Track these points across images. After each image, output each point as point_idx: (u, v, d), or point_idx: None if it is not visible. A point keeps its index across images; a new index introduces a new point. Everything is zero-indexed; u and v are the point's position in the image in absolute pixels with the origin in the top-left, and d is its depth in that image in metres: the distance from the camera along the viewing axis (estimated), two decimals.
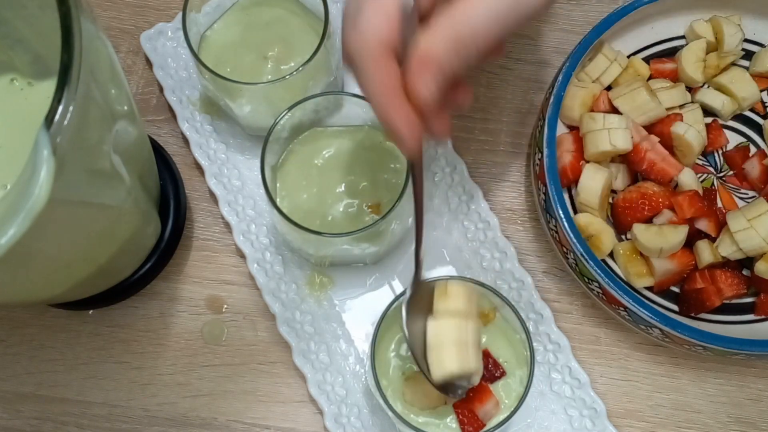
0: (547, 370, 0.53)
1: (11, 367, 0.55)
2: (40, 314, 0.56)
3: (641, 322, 0.50)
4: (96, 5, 0.62)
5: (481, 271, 0.55)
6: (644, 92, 0.53)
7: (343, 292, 0.55)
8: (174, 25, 0.60)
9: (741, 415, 0.54)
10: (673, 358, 0.55)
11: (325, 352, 0.54)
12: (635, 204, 0.53)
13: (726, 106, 0.56)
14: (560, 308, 0.56)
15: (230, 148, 0.58)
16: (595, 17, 0.60)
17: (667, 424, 0.54)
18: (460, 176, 0.57)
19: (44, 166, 0.31)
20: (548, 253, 0.57)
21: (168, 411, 0.54)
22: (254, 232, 0.56)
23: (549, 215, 0.51)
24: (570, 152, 0.54)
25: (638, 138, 0.53)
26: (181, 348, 0.55)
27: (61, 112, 0.32)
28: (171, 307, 0.56)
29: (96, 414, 0.54)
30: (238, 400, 0.54)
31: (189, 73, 0.59)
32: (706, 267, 0.53)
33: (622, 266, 0.54)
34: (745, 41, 0.57)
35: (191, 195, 0.58)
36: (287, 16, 0.55)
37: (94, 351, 0.55)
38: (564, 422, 0.53)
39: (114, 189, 0.42)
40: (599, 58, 0.55)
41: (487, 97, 0.61)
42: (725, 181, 0.57)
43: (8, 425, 0.54)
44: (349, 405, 0.53)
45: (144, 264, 0.54)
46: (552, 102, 0.52)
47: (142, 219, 0.49)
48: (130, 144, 0.44)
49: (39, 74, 0.45)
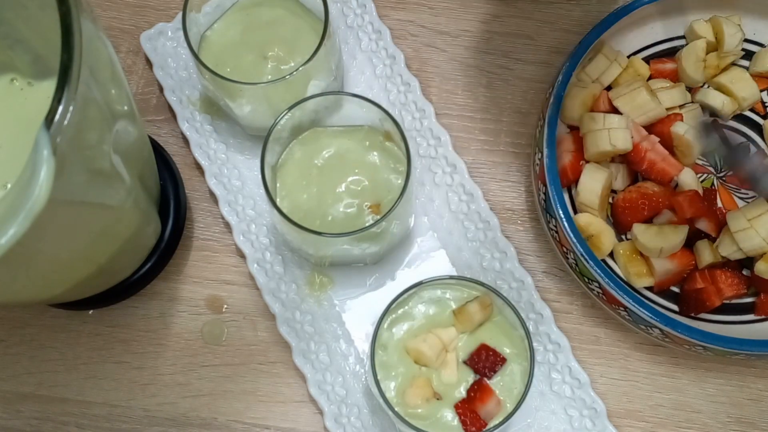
0: (547, 370, 0.53)
1: (11, 367, 0.55)
2: (40, 314, 0.56)
3: (641, 322, 0.50)
4: (96, 5, 0.62)
5: (481, 271, 0.55)
6: (644, 92, 0.53)
7: (343, 292, 0.55)
8: (174, 25, 0.60)
9: (741, 415, 0.54)
10: (673, 358, 0.55)
11: (325, 352, 0.54)
12: (635, 204, 0.53)
13: (726, 106, 0.56)
14: (560, 308, 0.56)
15: (230, 148, 0.58)
16: (595, 17, 0.60)
17: (667, 424, 0.54)
18: (460, 176, 0.57)
19: (44, 166, 0.31)
20: (548, 253, 0.57)
21: (168, 411, 0.54)
22: (254, 232, 0.56)
23: (549, 215, 0.51)
24: (570, 152, 0.54)
25: (638, 138, 0.53)
26: (181, 348, 0.55)
27: (61, 112, 0.32)
28: (171, 307, 0.56)
29: (96, 414, 0.54)
30: (238, 400, 0.54)
31: (189, 73, 0.59)
32: (706, 267, 0.53)
33: (622, 266, 0.54)
34: (745, 41, 0.57)
35: (191, 195, 0.58)
36: (287, 16, 0.55)
37: (94, 351, 0.55)
38: (564, 422, 0.53)
39: (114, 189, 0.42)
40: (599, 58, 0.55)
41: (487, 97, 0.61)
42: (725, 181, 0.57)
43: (8, 425, 0.54)
44: (349, 405, 0.53)
45: (144, 264, 0.54)
46: (552, 102, 0.52)
47: (142, 219, 0.49)
48: (130, 144, 0.44)
49: (39, 74, 0.45)
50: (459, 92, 0.61)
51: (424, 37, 0.62)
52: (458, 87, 0.61)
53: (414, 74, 0.59)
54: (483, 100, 0.61)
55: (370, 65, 0.60)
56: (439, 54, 0.62)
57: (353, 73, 0.60)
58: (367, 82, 0.60)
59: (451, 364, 0.48)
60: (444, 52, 0.62)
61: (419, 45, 0.62)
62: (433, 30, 0.62)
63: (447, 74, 0.61)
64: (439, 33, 0.62)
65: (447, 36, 0.62)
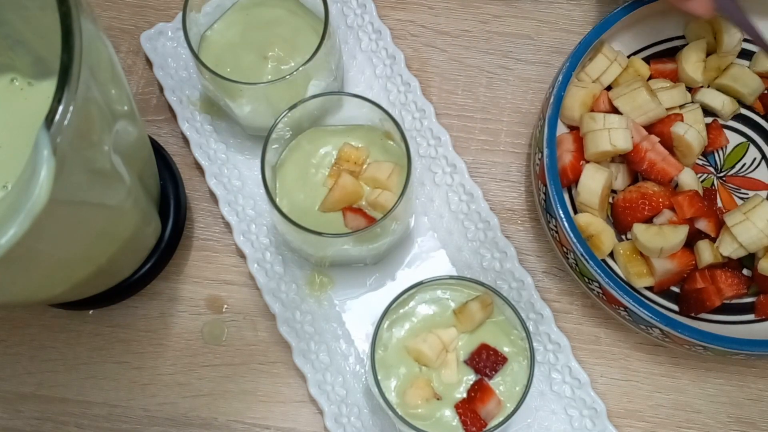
0: (547, 370, 0.53)
1: (11, 367, 0.55)
2: (40, 314, 0.56)
3: (641, 322, 0.50)
4: (96, 5, 0.62)
5: (481, 271, 0.55)
6: (644, 92, 0.53)
7: (343, 292, 0.55)
8: (174, 25, 0.60)
9: (741, 415, 0.54)
10: (673, 358, 0.55)
11: (325, 352, 0.54)
12: (635, 204, 0.53)
13: (726, 106, 0.56)
14: (560, 308, 0.56)
15: (230, 148, 0.58)
16: (595, 17, 0.60)
17: (667, 424, 0.54)
18: (460, 176, 0.57)
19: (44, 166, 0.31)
20: (548, 253, 0.57)
21: (168, 411, 0.54)
22: (254, 232, 0.56)
23: (549, 215, 0.51)
24: (570, 152, 0.54)
25: (638, 138, 0.53)
26: (181, 348, 0.55)
27: (61, 112, 0.32)
28: (171, 307, 0.56)
29: (96, 414, 0.54)
30: (238, 400, 0.54)
31: (189, 73, 0.59)
32: (706, 267, 0.53)
33: (622, 266, 0.54)
34: (745, 41, 0.57)
35: (191, 195, 0.58)
36: (287, 16, 0.55)
37: (94, 351, 0.55)
38: (564, 422, 0.53)
39: (114, 189, 0.42)
40: (599, 58, 0.55)
41: (487, 97, 0.61)
42: (725, 181, 0.57)
43: (8, 425, 0.54)
44: (349, 405, 0.53)
45: (144, 264, 0.54)
46: (552, 102, 0.52)
47: (142, 219, 0.49)
48: (130, 144, 0.44)
49: (39, 74, 0.45)
50: (459, 92, 0.61)
51: (424, 37, 0.62)
52: (458, 87, 0.61)
53: (414, 74, 0.59)
54: (483, 100, 0.61)
55: (370, 65, 0.60)
56: (439, 54, 0.62)
57: (353, 73, 0.60)
58: (367, 82, 0.60)
59: (451, 364, 0.47)
60: (444, 52, 0.62)
61: (419, 45, 0.62)
62: (433, 30, 0.62)
63: (447, 74, 0.61)
64: (439, 33, 0.62)
65: (447, 36, 0.62)
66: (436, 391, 0.47)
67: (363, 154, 0.51)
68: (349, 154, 0.50)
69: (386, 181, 0.49)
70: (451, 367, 0.47)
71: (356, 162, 0.50)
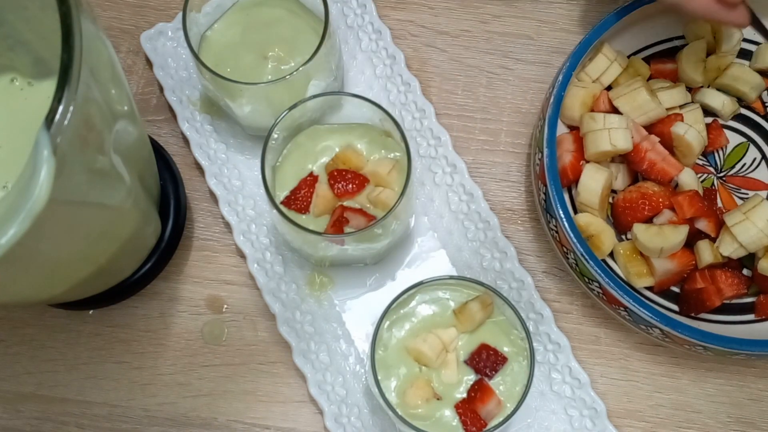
0: (547, 370, 0.53)
1: (11, 367, 0.55)
2: (40, 314, 0.56)
3: (641, 322, 0.50)
4: (96, 5, 0.62)
5: (481, 271, 0.55)
6: (644, 92, 0.53)
7: (343, 292, 0.55)
8: (174, 25, 0.60)
9: (741, 415, 0.54)
10: (673, 358, 0.55)
11: (325, 352, 0.54)
12: (635, 204, 0.53)
13: (726, 106, 0.56)
14: (560, 308, 0.56)
15: (230, 148, 0.58)
16: (595, 17, 0.60)
17: (667, 424, 0.54)
18: (460, 176, 0.57)
19: (44, 166, 0.31)
20: (548, 253, 0.57)
21: (168, 411, 0.54)
22: (254, 232, 0.56)
23: (549, 215, 0.51)
24: (570, 152, 0.54)
25: (638, 138, 0.53)
26: (181, 348, 0.55)
27: (61, 112, 0.32)
28: (171, 307, 0.56)
29: (96, 414, 0.54)
30: (238, 400, 0.54)
31: (189, 73, 0.59)
32: (706, 267, 0.53)
33: (622, 266, 0.54)
34: (744, 41, 0.57)
35: (191, 195, 0.58)
36: (287, 16, 0.55)
37: (94, 351, 0.55)
38: (564, 422, 0.53)
39: (114, 189, 0.42)
40: (599, 58, 0.55)
41: (487, 97, 0.61)
42: (725, 181, 0.57)
43: (8, 425, 0.54)
44: (349, 405, 0.53)
45: (144, 264, 0.54)
46: (552, 102, 0.52)
47: (142, 219, 0.49)
48: (130, 144, 0.44)
49: (39, 74, 0.45)
50: (459, 92, 0.61)
51: (424, 37, 0.62)
52: (458, 87, 0.61)
53: (414, 74, 0.59)
54: (483, 100, 0.61)
55: (370, 65, 0.60)
56: (439, 54, 0.62)
57: (353, 73, 0.60)
58: (367, 82, 0.60)
59: (451, 364, 0.48)
60: (444, 52, 0.62)
61: (419, 45, 0.62)
62: (433, 30, 0.62)
63: (447, 74, 0.61)
64: (439, 33, 0.62)
65: (447, 36, 0.62)
66: (436, 391, 0.47)
67: (363, 161, 0.51)
68: (349, 156, 0.50)
69: (387, 176, 0.49)
70: (451, 367, 0.47)
71: (356, 165, 0.50)
